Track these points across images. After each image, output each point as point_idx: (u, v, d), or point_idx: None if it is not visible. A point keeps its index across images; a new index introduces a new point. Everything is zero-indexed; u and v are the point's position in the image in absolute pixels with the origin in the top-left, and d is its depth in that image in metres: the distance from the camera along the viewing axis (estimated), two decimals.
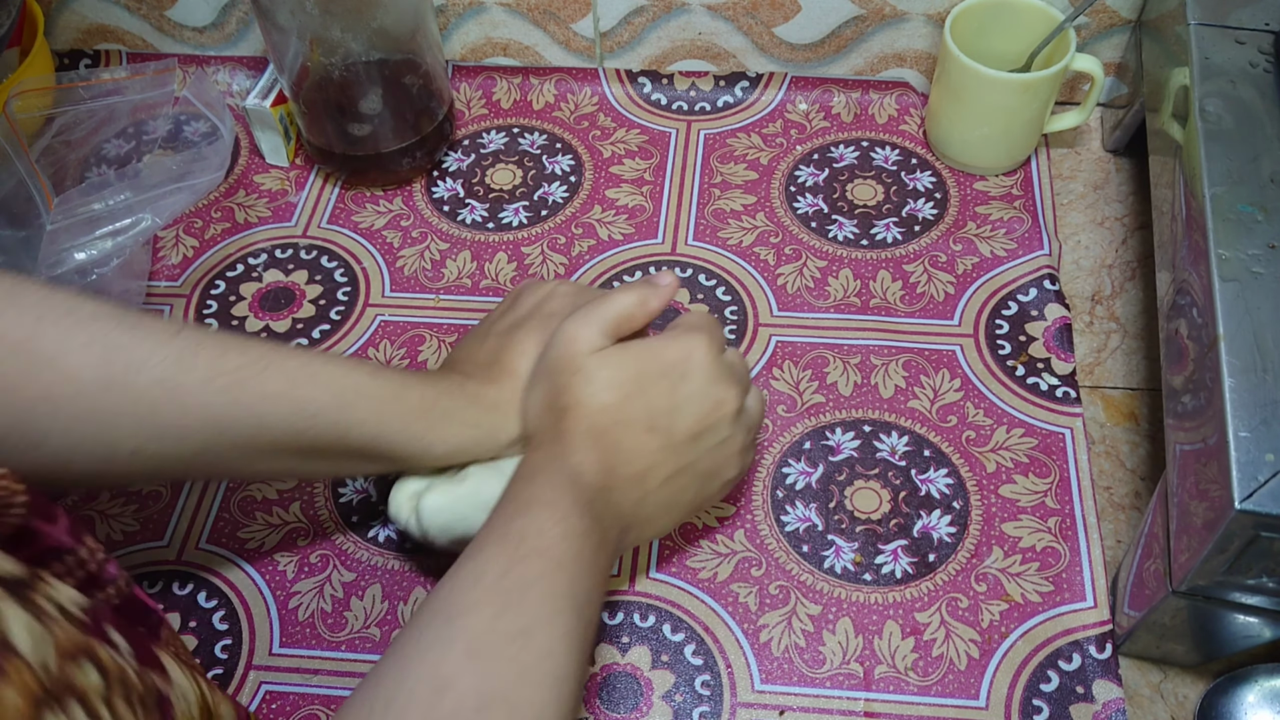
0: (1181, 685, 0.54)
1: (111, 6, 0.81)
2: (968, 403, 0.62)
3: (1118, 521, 0.59)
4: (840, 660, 0.53)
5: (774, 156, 0.75)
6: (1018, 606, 0.55)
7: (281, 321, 0.68)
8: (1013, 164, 0.73)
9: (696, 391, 0.47)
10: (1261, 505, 0.41)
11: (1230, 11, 0.59)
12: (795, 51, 0.77)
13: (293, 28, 0.67)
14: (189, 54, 0.83)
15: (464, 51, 0.81)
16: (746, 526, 0.58)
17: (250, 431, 0.45)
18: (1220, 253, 0.49)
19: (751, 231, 0.71)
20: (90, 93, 0.71)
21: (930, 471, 0.59)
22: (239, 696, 0.53)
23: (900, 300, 0.67)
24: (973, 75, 0.67)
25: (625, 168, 0.75)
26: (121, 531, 0.59)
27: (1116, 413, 0.63)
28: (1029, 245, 0.69)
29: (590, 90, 0.80)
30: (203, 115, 0.75)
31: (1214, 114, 0.55)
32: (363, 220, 0.73)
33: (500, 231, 0.72)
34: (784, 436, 0.61)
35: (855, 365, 0.64)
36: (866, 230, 0.71)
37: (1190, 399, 0.48)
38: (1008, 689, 0.52)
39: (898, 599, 0.55)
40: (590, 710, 0.52)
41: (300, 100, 0.71)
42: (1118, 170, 0.74)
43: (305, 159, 0.77)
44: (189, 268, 0.71)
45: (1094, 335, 0.66)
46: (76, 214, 0.62)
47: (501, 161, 0.76)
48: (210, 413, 0.44)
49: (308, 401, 0.45)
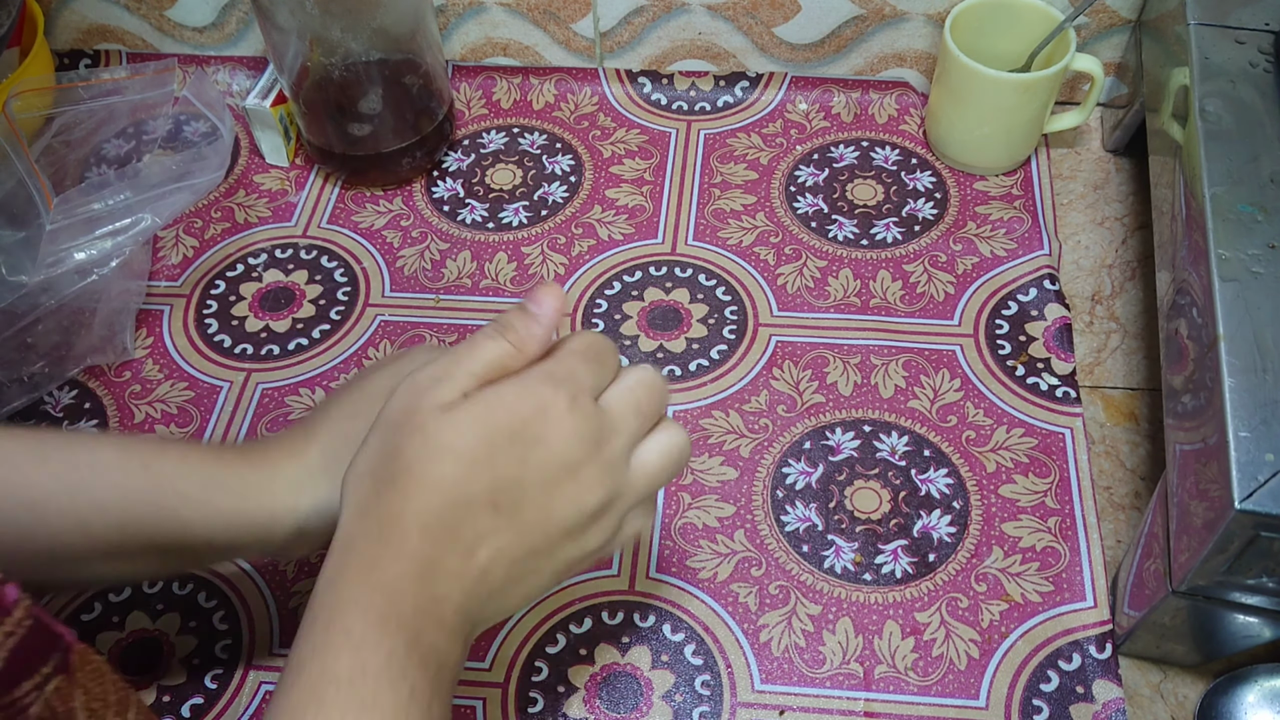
0: (1181, 685, 0.54)
1: (111, 6, 0.81)
2: (968, 403, 0.62)
3: (1118, 521, 0.59)
4: (840, 660, 0.53)
5: (774, 156, 0.75)
6: (1018, 606, 0.55)
7: (281, 321, 0.68)
8: (1013, 164, 0.73)
9: (550, 459, 0.38)
10: (1261, 505, 0.41)
11: (1230, 11, 0.59)
12: (795, 51, 0.77)
13: (293, 28, 0.67)
14: (189, 54, 0.83)
15: (464, 51, 0.81)
16: (746, 526, 0.58)
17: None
18: (1220, 253, 0.49)
19: (751, 231, 0.71)
20: (90, 93, 0.71)
21: (930, 471, 0.59)
22: (239, 696, 0.54)
23: (900, 300, 0.67)
24: (973, 75, 0.67)
25: (625, 168, 0.75)
26: None
27: (1116, 413, 0.63)
28: (1029, 245, 0.69)
29: (590, 90, 0.80)
30: (203, 115, 0.75)
31: (1214, 114, 0.55)
32: (363, 220, 0.73)
33: (500, 231, 0.72)
34: (784, 436, 0.61)
35: (855, 365, 0.64)
36: (866, 230, 0.71)
37: (1190, 399, 0.48)
38: (1008, 689, 0.52)
39: (898, 599, 0.55)
40: (590, 710, 0.52)
41: (300, 100, 0.71)
42: (1118, 170, 0.74)
43: (305, 159, 0.77)
44: (189, 268, 0.71)
45: (1094, 335, 0.66)
46: (76, 214, 0.62)
47: (501, 161, 0.76)
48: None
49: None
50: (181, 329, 0.68)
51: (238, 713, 0.53)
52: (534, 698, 0.53)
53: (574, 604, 0.56)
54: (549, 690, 0.53)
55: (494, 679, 0.54)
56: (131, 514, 0.42)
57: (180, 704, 0.53)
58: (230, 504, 0.43)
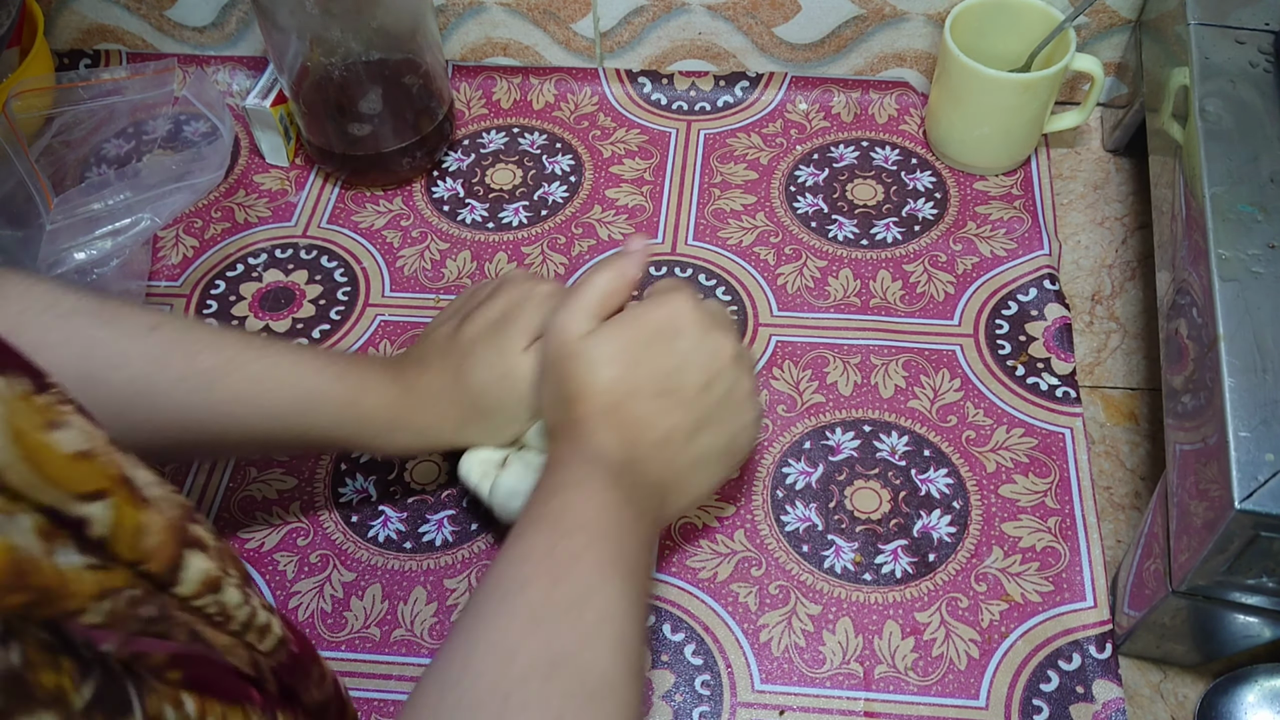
0: (1181, 685, 0.54)
1: (111, 6, 0.81)
2: (968, 403, 0.62)
3: (1118, 521, 0.59)
4: (840, 660, 0.53)
5: (774, 156, 0.75)
6: (1018, 606, 0.55)
7: (281, 321, 0.68)
8: (1013, 164, 0.73)
9: (693, 345, 0.47)
10: (1261, 505, 0.41)
11: (1230, 11, 0.59)
12: (795, 51, 0.77)
13: (292, 27, 0.67)
14: (189, 54, 0.83)
15: (464, 51, 0.81)
16: (746, 526, 0.58)
17: (217, 429, 0.48)
18: (1220, 253, 0.49)
19: (751, 231, 0.71)
20: (90, 93, 0.71)
21: (930, 471, 0.59)
22: None
23: (900, 300, 0.67)
24: (973, 75, 0.67)
25: (625, 168, 0.75)
26: None
27: (1116, 413, 0.63)
28: (1029, 245, 0.69)
29: (590, 90, 0.80)
30: (202, 115, 0.75)
31: (1214, 114, 0.55)
32: (363, 220, 0.73)
33: (500, 231, 0.72)
34: (784, 436, 0.61)
35: (855, 365, 0.64)
36: (866, 230, 0.71)
37: (1190, 399, 0.48)
38: (1008, 689, 0.52)
39: (898, 599, 0.55)
40: None
41: (300, 100, 0.71)
42: (1118, 170, 0.74)
43: (305, 159, 0.77)
44: (189, 268, 0.71)
45: (1094, 335, 0.66)
46: (76, 214, 0.62)
47: (501, 161, 0.76)
48: (181, 413, 0.47)
49: (271, 405, 0.48)
50: None
51: None
52: None
53: None
54: None
55: None
56: (280, 409, 0.49)
57: None
58: (364, 423, 0.51)
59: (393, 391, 0.51)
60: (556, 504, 0.42)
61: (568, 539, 0.41)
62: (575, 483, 0.43)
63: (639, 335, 0.47)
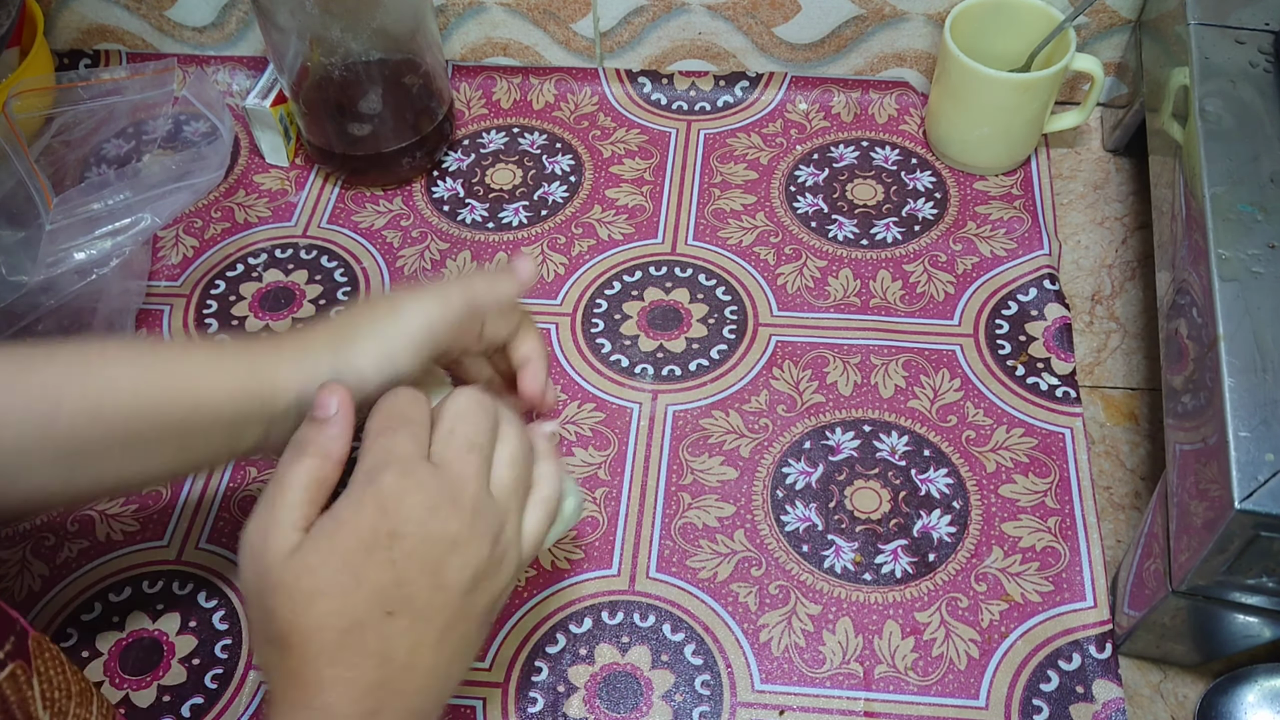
0: (1181, 685, 0.54)
1: (111, 6, 0.81)
2: (968, 402, 0.62)
3: (1118, 521, 0.59)
4: (840, 660, 0.53)
5: (774, 156, 0.75)
6: (1018, 606, 0.55)
7: (281, 321, 0.68)
8: (1013, 164, 0.73)
9: (416, 542, 0.37)
10: (1261, 505, 0.41)
11: (1230, 11, 0.59)
12: (795, 51, 0.77)
13: (293, 27, 0.67)
14: (189, 54, 0.83)
15: (464, 51, 0.81)
16: (746, 526, 0.58)
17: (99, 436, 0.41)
18: (1220, 253, 0.49)
19: (751, 231, 0.71)
20: (90, 93, 0.71)
21: (930, 471, 0.59)
22: (239, 696, 0.54)
23: (900, 300, 0.67)
24: (973, 75, 0.67)
25: (625, 168, 0.75)
26: (121, 532, 0.59)
27: (1116, 413, 0.63)
28: (1029, 245, 0.69)
29: (590, 90, 0.80)
30: (202, 115, 0.75)
31: (1214, 114, 0.55)
32: (363, 220, 0.73)
33: (500, 231, 0.72)
34: (784, 436, 0.61)
35: (855, 365, 0.64)
36: (866, 230, 0.71)
37: (1190, 399, 0.48)
38: (1008, 689, 0.52)
39: (898, 599, 0.55)
40: (590, 710, 0.52)
41: (300, 100, 0.71)
42: (1118, 170, 0.74)
43: (305, 159, 0.77)
44: (189, 268, 0.71)
45: (1094, 335, 0.66)
46: (76, 214, 0.62)
47: (501, 161, 0.76)
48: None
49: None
50: (182, 329, 0.68)
51: (238, 713, 0.53)
52: (534, 698, 0.53)
53: (574, 604, 0.56)
54: (549, 690, 0.53)
55: (494, 679, 0.54)
56: (144, 395, 0.41)
57: (180, 704, 0.53)
58: (238, 372, 0.42)
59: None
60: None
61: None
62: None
63: (349, 547, 0.37)
